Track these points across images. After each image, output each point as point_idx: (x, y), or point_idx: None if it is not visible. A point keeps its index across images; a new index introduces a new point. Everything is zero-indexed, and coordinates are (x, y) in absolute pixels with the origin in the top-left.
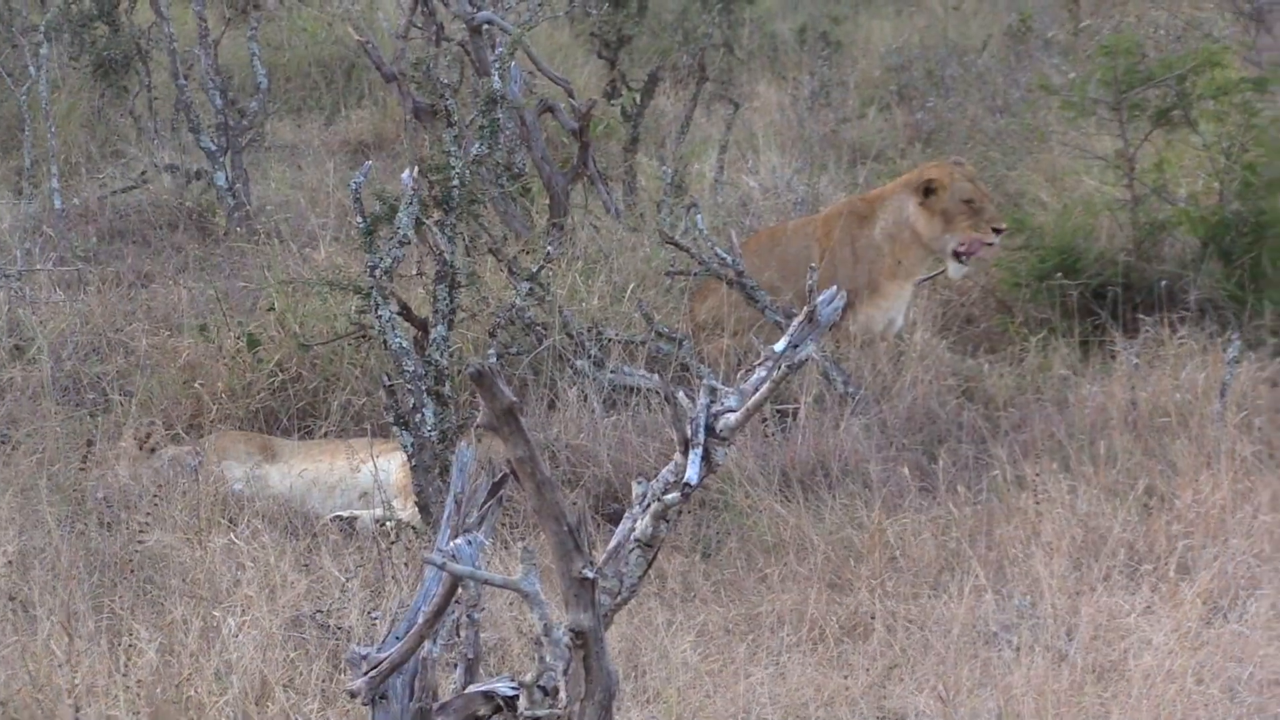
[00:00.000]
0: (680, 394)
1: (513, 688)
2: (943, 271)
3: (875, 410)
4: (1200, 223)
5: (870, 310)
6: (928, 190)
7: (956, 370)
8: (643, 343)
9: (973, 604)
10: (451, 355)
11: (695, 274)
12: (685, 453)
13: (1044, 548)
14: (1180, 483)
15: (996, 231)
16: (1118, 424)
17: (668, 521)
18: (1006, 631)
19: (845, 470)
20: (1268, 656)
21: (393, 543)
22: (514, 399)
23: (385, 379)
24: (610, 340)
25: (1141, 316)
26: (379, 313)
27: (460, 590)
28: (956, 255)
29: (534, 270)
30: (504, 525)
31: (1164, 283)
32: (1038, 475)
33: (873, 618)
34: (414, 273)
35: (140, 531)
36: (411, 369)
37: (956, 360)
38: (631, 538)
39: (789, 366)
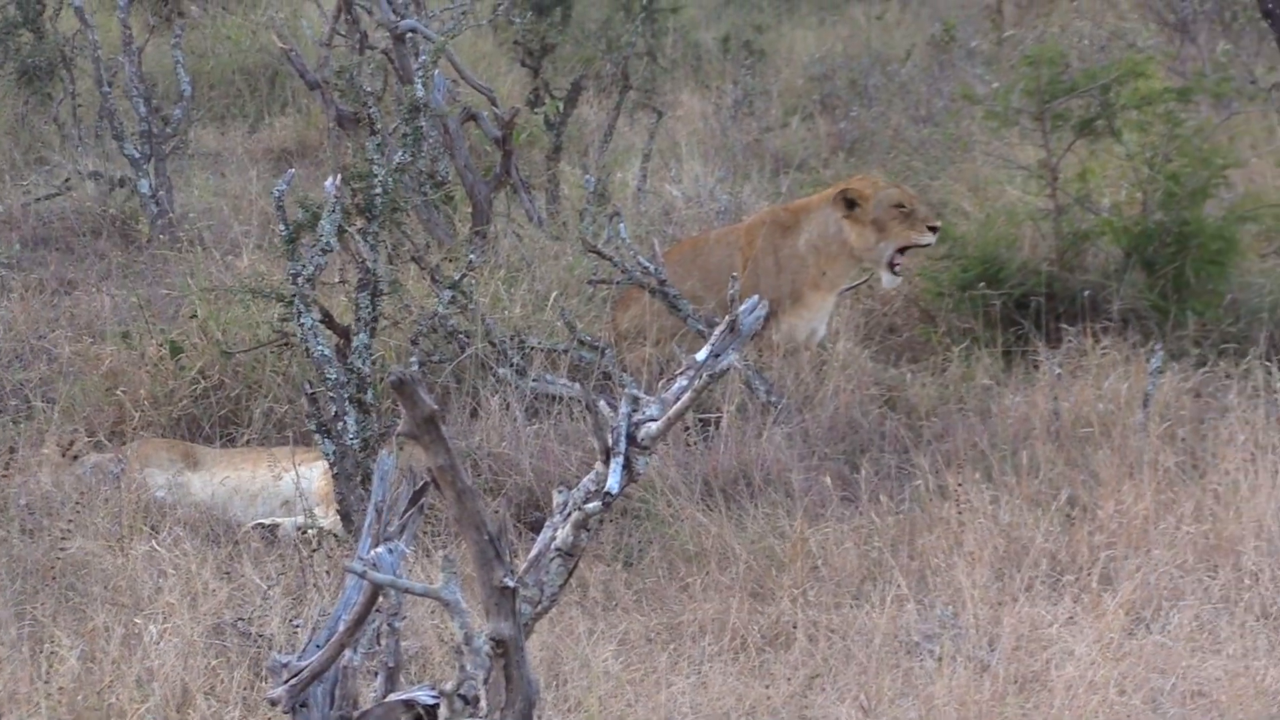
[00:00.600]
0: (602, 403)
1: (433, 696)
2: (865, 281)
3: (798, 419)
4: (1123, 233)
5: (793, 319)
6: (850, 203)
7: (879, 380)
8: (565, 351)
9: (895, 614)
10: (374, 363)
11: (618, 283)
12: (606, 461)
13: (966, 557)
14: (1103, 493)
15: (932, 230)
16: (1040, 434)
17: (589, 530)
18: (928, 641)
19: (767, 479)
20: (1190, 667)
21: (314, 551)
22: (435, 407)
23: (307, 387)
24: (533, 348)
25: (1064, 326)
26: (301, 320)
27: (381, 598)
28: (890, 266)
29: (456, 278)
30: (426, 533)
31: (1087, 293)
32: (960, 485)
33: (794, 627)
34: (336, 280)
35: (62, 538)
36: (334, 377)
37: (879, 370)
38: (552, 546)
39: (711, 375)
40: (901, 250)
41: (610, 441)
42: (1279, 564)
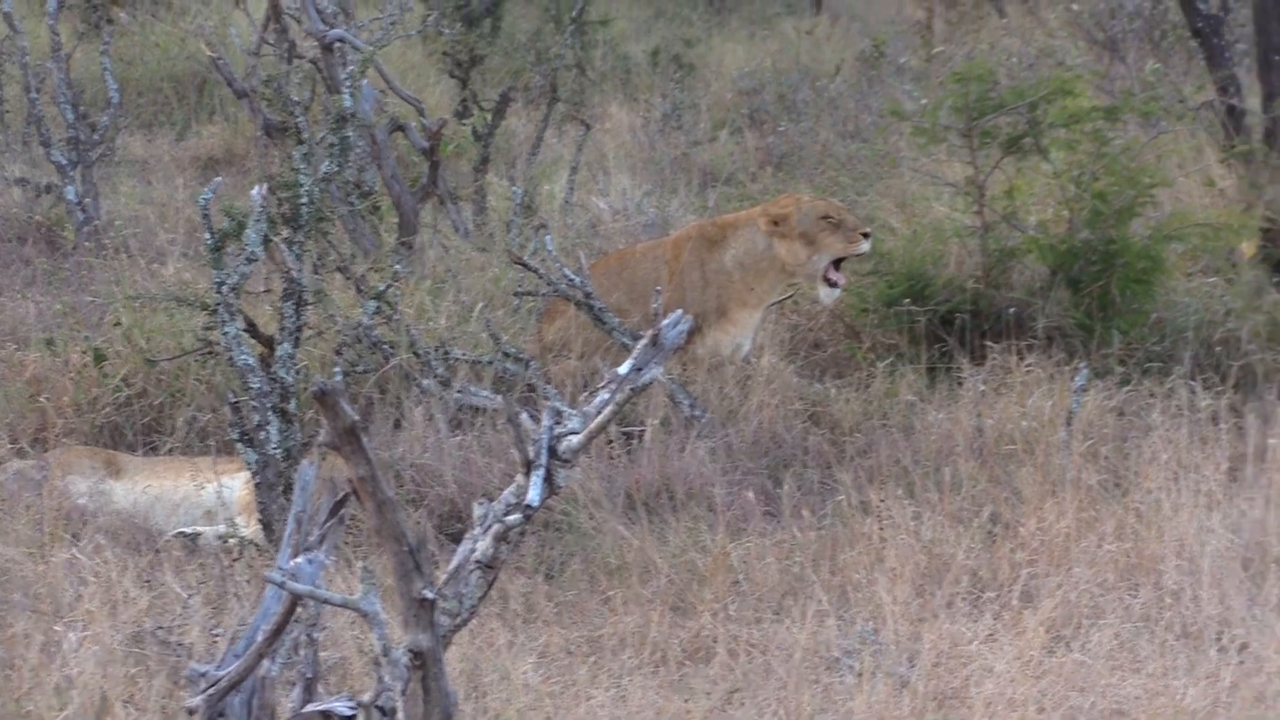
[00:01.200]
0: (524, 415)
1: (351, 707)
2: (792, 296)
3: (721, 433)
4: (1049, 250)
5: (718, 334)
6: (775, 221)
7: (803, 395)
8: (490, 363)
9: (815, 629)
10: (297, 373)
11: (543, 295)
12: (528, 474)
13: (887, 574)
14: (1025, 510)
15: (865, 236)
16: (963, 451)
17: (509, 543)
18: (848, 657)
19: (690, 493)
20: (1110, 686)
21: (235, 560)
22: (356, 418)
23: (230, 395)
24: (457, 360)
25: (989, 344)
26: (225, 329)
27: (300, 609)
28: (826, 280)
29: (381, 289)
30: (347, 544)
31: (1012, 310)
32: (882, 501)
33: (715, 641)
34: (261, 290)
35: None
36: (257, 386)
37: (803, 385)
38: (472, 559)
39: (633, 389)
40: (837, 263)
41: (531, 454)
42: (1200, 583)
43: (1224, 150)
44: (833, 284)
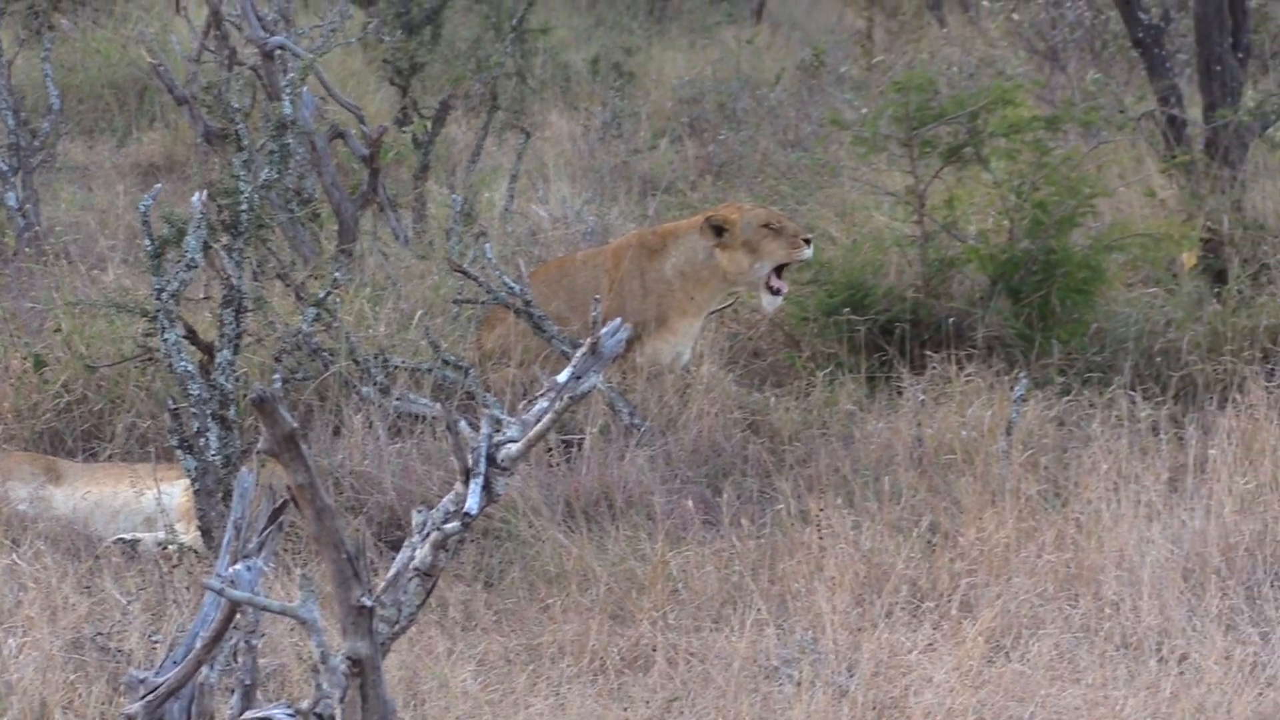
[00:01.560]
0: (462, 423)
1: (290, 715)
2: (732, 305)
3: (660, 442)
4: (990, 260)
5: (658, 343)
6: (717, 230)
7: (742, 404)
8: (429, 370)
9: (754, 638)
10: (237, 380)
11: (483, 303)
12: (466, 482)
13: (827, 583)
14: (964, 520)
15: (806, 242)
16: (903, 460)
17: (447, 550)
18: (788, 666)
19: (629, 501)
20: (1049, 696)
21: (174, 567)
22: (295, 425)
23: (170, 402)
24: (397, 367)
25: (929, 353)
26: (165, 336)
27: (239, 616)
28: (769, 287)
29: (321, 296)
30: (286, 551)
31: (952, 320)
32: (822, 510)
33: (654, 650)
34: (201, 296)
35: None
36: (197, 393)
37: (743, 394)
38: (411, 566)
39: (572, 397)
40: (779, 271)
41: (470, 462)
42: (1139, 594)
43: (1165, 160)
44: (775, 291)
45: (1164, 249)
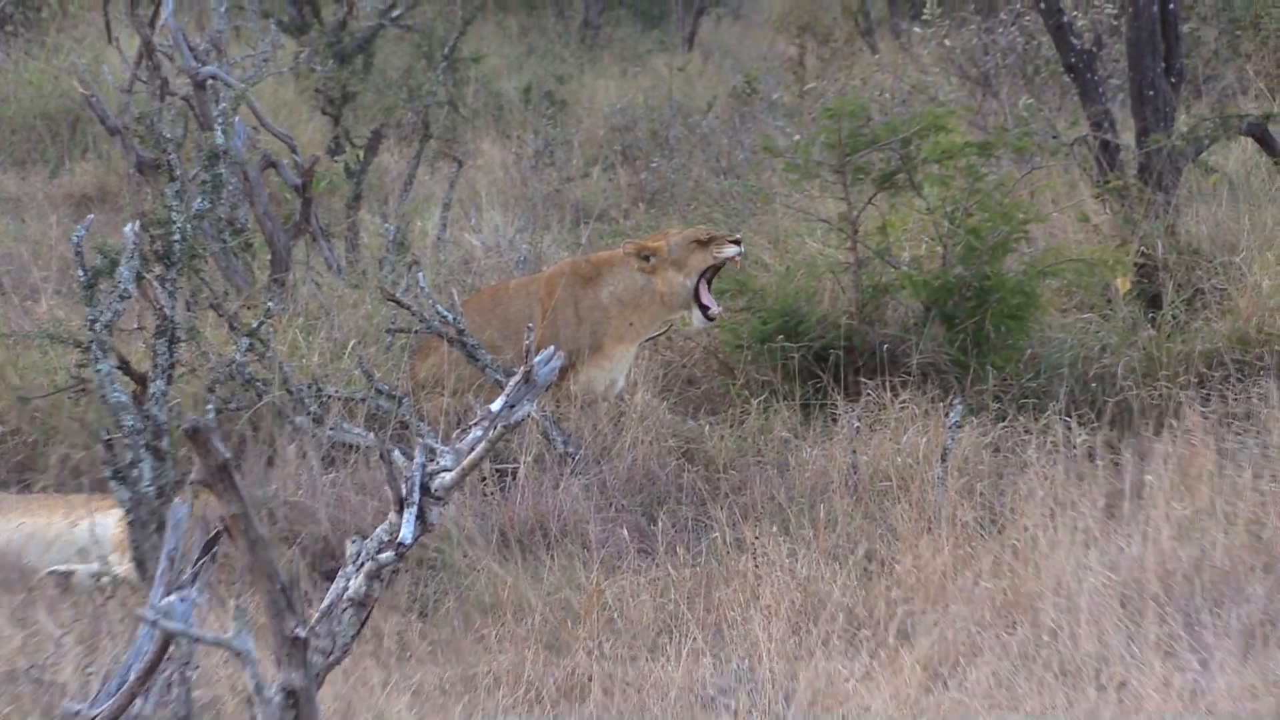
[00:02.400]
0: (396, 452)
1: None
2: (666, 332)
3: (595, 470)
4: (923, 286)
5: (592, 370)
6: (644, 256)
7: (677, 431)
8: (363, 400)
9: (691, 667)
10: (170, 410)
11: (416, 332)
12: (400, 512)
13: (763, 611)
14: (901, 547)
15: (735, 243)
16: (838, 488)
17: (382, 580)
18: (724, 695)
19: (564, 530)
20: None
21: (108, 598)
22: (228, 456)
23: (103, 433)
24: (330, 397)
25: (863, 380)
26: (98, 367)
27: (173, 647)
28: (700, 304)
29: (254, 326)
30: (220, 582)
31: (886, 346)
32: (757, 538)
33: (590, 679)
34: (134, 327)
35: None
36: (130, 424)
37: (677, 421)
38: (345, 596)
39: (506, 426)
40: (709, 280)
41: (404, 491)
42: (1078, 621)
43: (1098, 186)
44: (705, 308)
45: (1098, 274)
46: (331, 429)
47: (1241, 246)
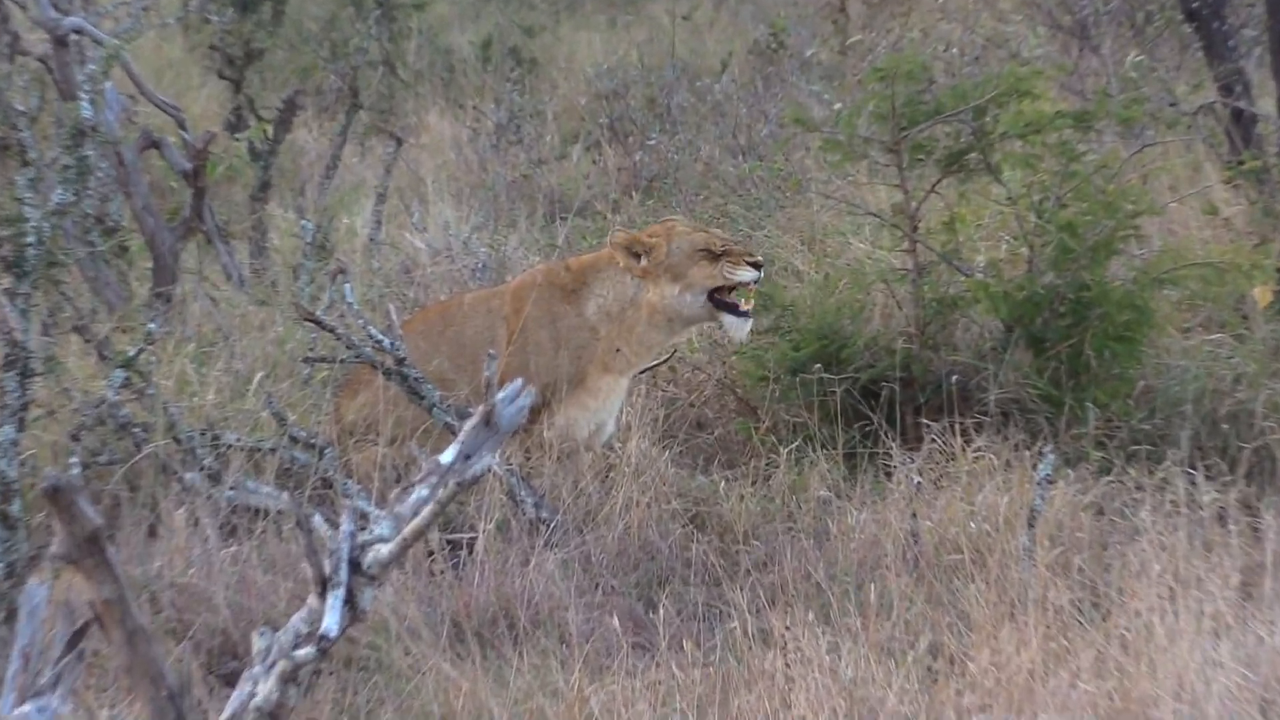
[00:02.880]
0: (317, 518)
1: None
2: (666, 362)
3: (577, 542)
4: (1003, 299)
5: (573, 411)
6: (633, 252)
7: (683, 490)
8: (273, 450)
9: None
10: (23, 464)
11: (343, 361)
12: (323, 595)
13: None
14: (975, 640)
15: (755, 266)
16: (894, 562)
17: (299, 685)
18: None
19: (536, 620)
20: None
21: None
22: (99, 523)
23: None
24: (230, 447)
25: (926, 422)
26: None
27: None
28: (727, 306)
29: (131, 354)
30: (89, 687)
31: (956, 378)
32: (788, 629)
33: None
34: None
35: None
36: None
37: (683, 477)
38: (252, 705)
39: (459, 484)
40: (719, 291)
41: (328, 569)
42: None
43: (1229, 167)
44: (732, 307)
45: (1230, 282)
46: (232, 488)
47: None
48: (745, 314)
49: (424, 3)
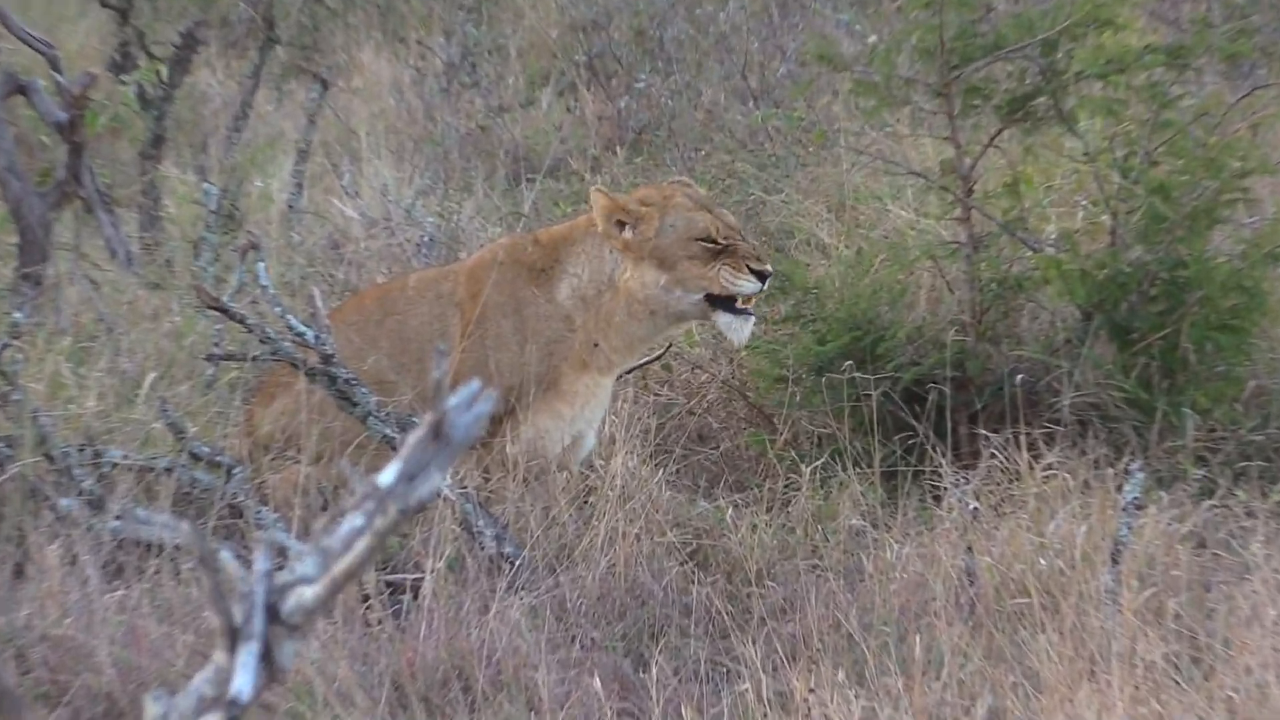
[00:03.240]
0: (226, 554)
1: None
2: (659, 358)
3: (549, 583)
4: (1080, 280)
5: (544, 419)
6: (620, 221)
7: (681, 519)
8: (169, 470)
9: None
10: None
11: (255, 358)
12: (232, 650)
13: None
14: (1046, 705)
15: (759, 276)
16: (944, 608)
17: None
18: None
19: (498, 682)
20: None
21: None
22: None
23: None
24: (116, 466)
25: (984, 433)
26: None
27: None
28: (721, 302)
29: None
30: None
31: (1021, 378)
32: (812, 690)
33: None
34: None
35: None
36: None
37: (681, 503)
38: None
39: (402, 511)
40: (715, 298)
41: (238, 618)
42: None
43: None
44: (729, 301)
45: None
46: (118, 518)
47: None
48: (745, 312)
49: None
